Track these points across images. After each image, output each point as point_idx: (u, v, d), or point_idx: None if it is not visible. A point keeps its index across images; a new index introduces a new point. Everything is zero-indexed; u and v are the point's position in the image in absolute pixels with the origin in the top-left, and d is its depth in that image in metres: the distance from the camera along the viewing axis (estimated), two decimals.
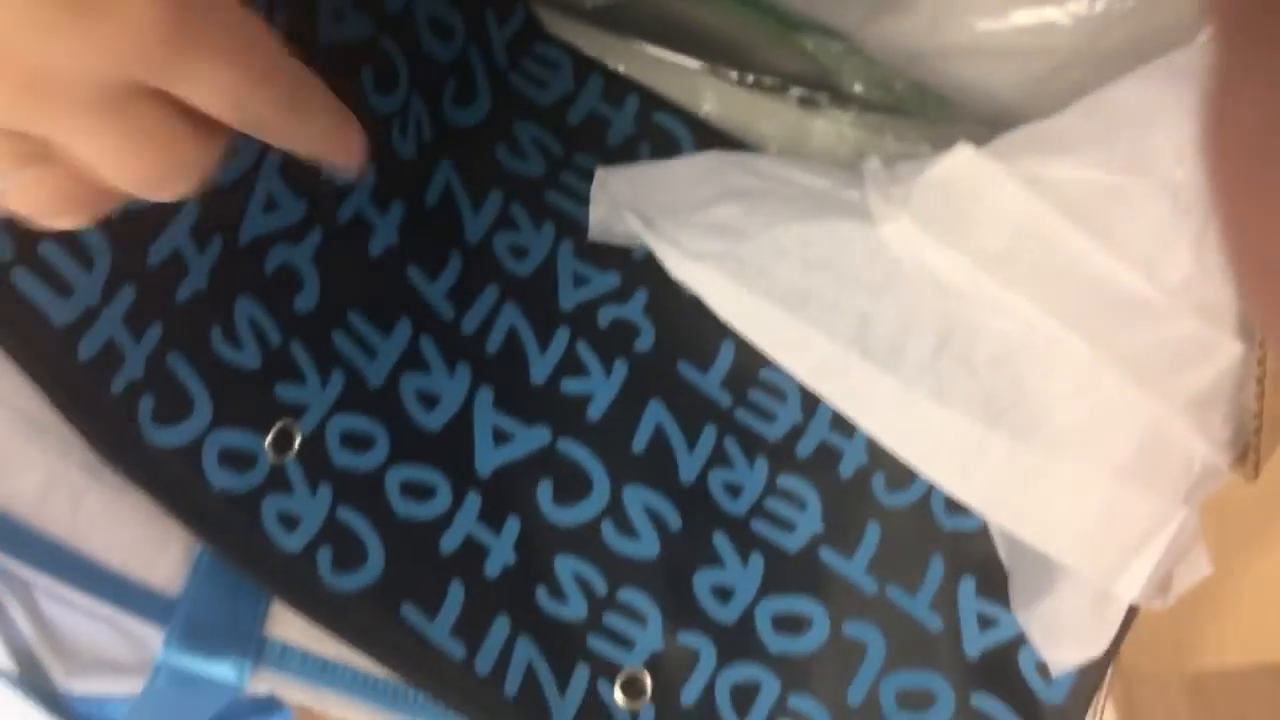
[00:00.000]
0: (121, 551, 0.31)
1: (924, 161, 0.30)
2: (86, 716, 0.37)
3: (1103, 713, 0.37)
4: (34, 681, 0.38)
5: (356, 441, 0.35)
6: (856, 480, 0.39)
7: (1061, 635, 0.36)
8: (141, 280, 0.31)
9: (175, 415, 0.31)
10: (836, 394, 0.30)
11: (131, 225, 0.29)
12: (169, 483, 0.31)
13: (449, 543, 0.35)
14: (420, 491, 0.35)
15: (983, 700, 0.37)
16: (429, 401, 0.36)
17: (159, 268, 0.31)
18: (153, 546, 0.32)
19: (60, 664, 0.38)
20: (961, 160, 0.29)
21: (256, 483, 0.32)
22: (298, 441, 0.33)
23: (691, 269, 0.31)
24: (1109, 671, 0.38)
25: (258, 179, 0.34)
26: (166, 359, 0.31)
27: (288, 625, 0.34)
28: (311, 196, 0.35)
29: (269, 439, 0.33)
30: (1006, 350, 0.28)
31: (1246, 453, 0.29)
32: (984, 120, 0.36)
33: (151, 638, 0.32)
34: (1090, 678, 0.38)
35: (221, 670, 0.32)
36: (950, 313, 0.28)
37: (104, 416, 0.30)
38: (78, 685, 0.37)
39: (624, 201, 0.34)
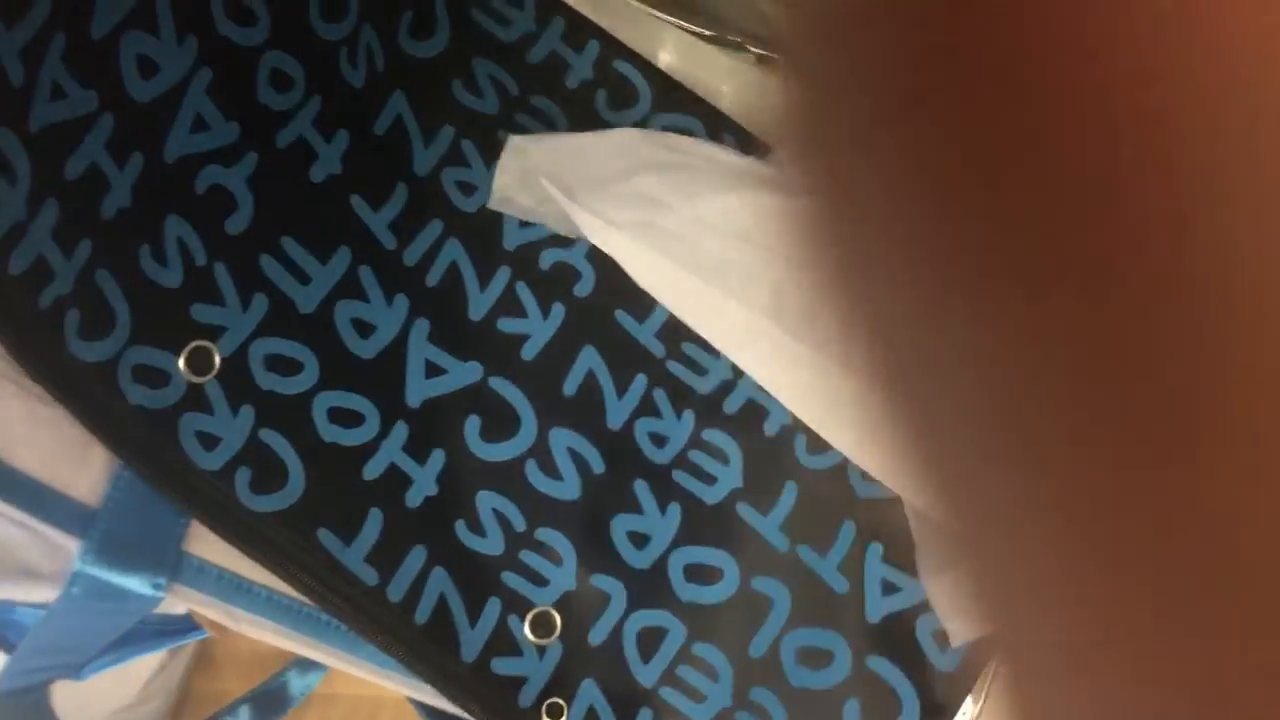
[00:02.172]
0: (42, 460, 0.32)
1: None
2: None
3: (990, 685, 0.38)
4: None
5: (283, 365, 0.35)
6: (780, 440, 0.40)
7: (961, 606, 0.38)
8: (63, 195, 0.31)
9: (98, 331, 0.31)
10: (749, 360, 0.30)
11: (47, 138, 0.29)
12: (88, 398, 0.31)
13: (372, 470, 0.36)
14: (348, 418, 0.36)
15: (878, 663, 0.38)
16: (364, 329, 0.37)
17: (78, 182, 0.31)
18: (74, 458, 0.32)
19: None
20: None
21: (173, 400, 0.33)
22: (218, 362, 0.34)
23: (611, 237, 0.32)
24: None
25: (184, 99, 0.33)
26: (95, 276, 0.31)
27: (206, 543, 0.35)
28: (245, 120, 0.35)
29: (182, 358, 0.33)
30: None
31: None
32: None
33: (69, 547, 0.33)
34: (984, 649, 0.39)
35: (137, 584, 0.33)
36: None
37: (29, 330, 0.31)
38: None
39: (541, 170, 0.34)
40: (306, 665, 0.53)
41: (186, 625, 0.42)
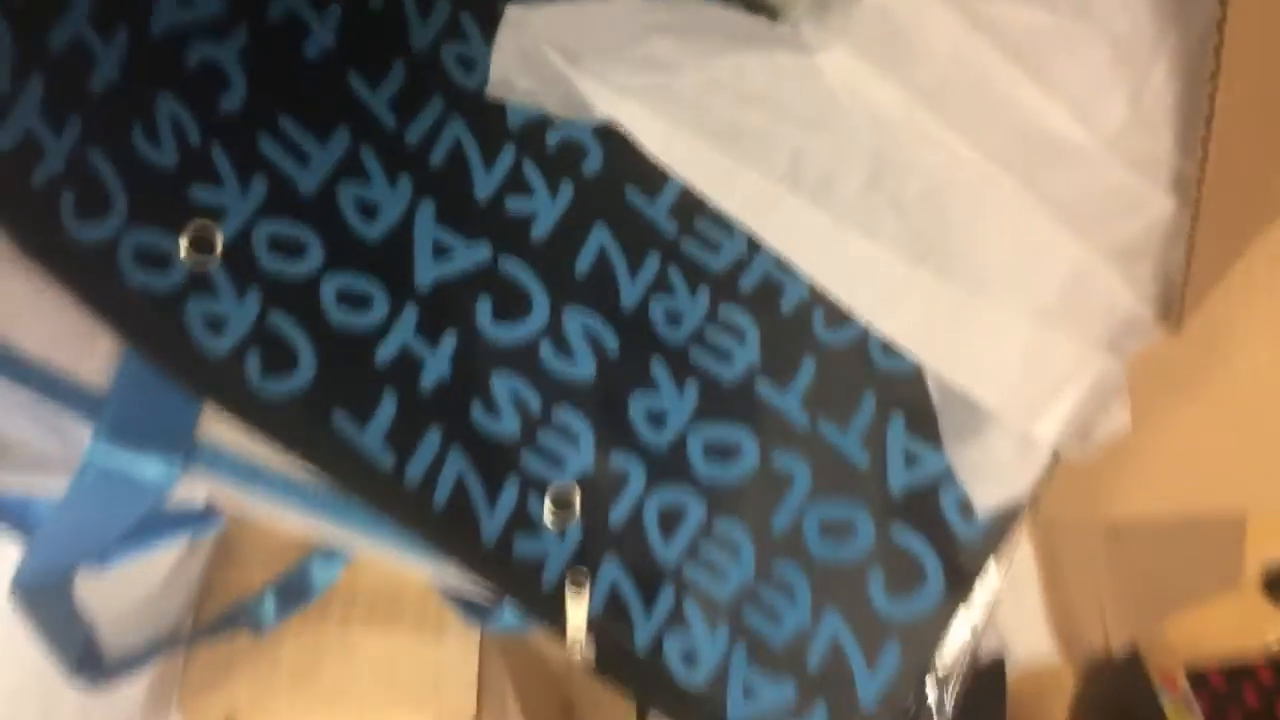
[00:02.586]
0: (46, 343, 0.31)
1: None
2: (10, 513, 0.37)
3: (1014, 555, 0.38)
4: None
5: (287, 247, 0.34)
6: (796, 315, 0.39)
7: (987, 475, 0.37)
8: (48, 68, 0.30)
9: (95, 212, 0.31)
10: (766, 228, 0.29)
11: (27, 9, 0.28)
12: (89, 280, 0.31)
13: (384, 353, 0.35)
14: (356, 301, 0.35)
15: (902, 534, 0.38)
16: (368, 211, 0.36)
17: (63, 56, 0.30)
18: (79, 340, 0.32)
19: None
20: None
21: (177, 284, 0.32)
22: (220, 245, 0.33)
23: (620, 104, 0.30)
24: (1024, 513, 0.39)
25: None
26: (88, 154, 0.31)
27: (220, 428, 0.34)
28: None
29: (184, 240, 0.32)
30: (935, 187, 0.27)
31: (1171, 307, 0.29)
32: None
33: (81, 436, 0.33)
34: (1008, 517, 0.39)
35: (150, 468, 0.33)
36: (882, 148, 0.28)
37: (25, 210, 0.30)
38: (9, 481, 0.38)
39: (543, 38, 0.33)
40: (329, 553, 0.53)
41: (206, 514, 0.42)
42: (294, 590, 0.53)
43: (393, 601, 0.57)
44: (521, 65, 0.34)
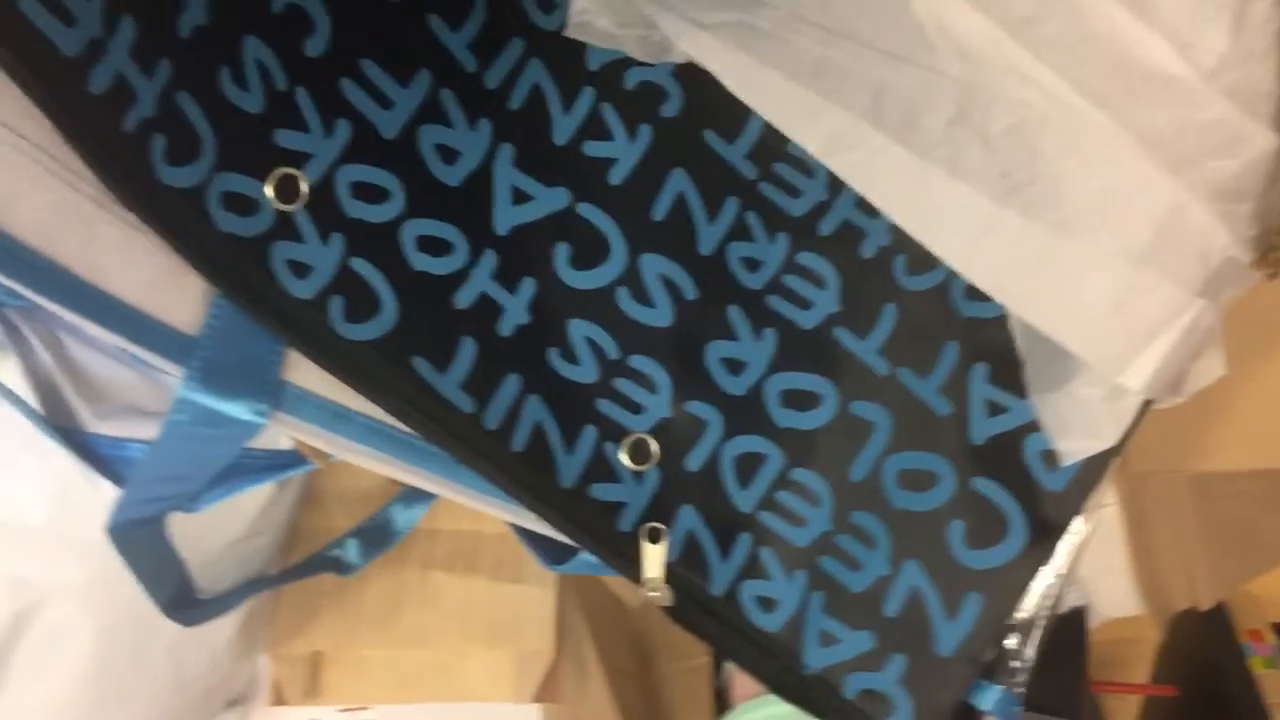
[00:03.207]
0: (138, 288, 0.32)
1: None
2: (108, 457, 0.38)
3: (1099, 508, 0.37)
4: (60, 422, 0.39)
5: (369, 193, 0.34)
6: (877, 261, 0.39)
7: (1074, 424, 0.36)
8: (139, 11, 0.30)
9: (184, 156, 0.31)
10: (848, 166, 0.29)
11: None
12: (180, 225, 0.31)
13: (463, 299, 0.35)
14: (436, 246, 0.35)
15: (983, 484, 0.38)
16: (448, 155, 0.36)
17: None
18: (171, 286, 0.33)
19: (88, 407, 0.40)
20: None
21: (263, 228, 0.33)
22: (305, 189, 0.33)
23: (700, 40, 0.30)
24: (1112, 464, 0.38)
25: None
26: (177, 98, 0.31)
27: (305, 371, 0.35)
28: None
29: (270, 185, 0.33)
30: (1025, 121, 0.27)
31: (1269, 252, 0.28)
32: None
33: (173, 382, 0.33)
34: (1095, 469, 0.38)
35: (239, 410, 0.33)
36: (970, 81, 0.27)
37: (117, 153, 0.30)
38: (105, 428, 0.39)
39: None
40: (410, 499, 0.54)
41: (292, 459, 0.43)
42: (376, 535, 0.54)
43: (472, 545, 0.58)
44: (600, 4, 0.34)
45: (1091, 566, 0.51)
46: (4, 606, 0.44)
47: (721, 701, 0.59)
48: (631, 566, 0.36)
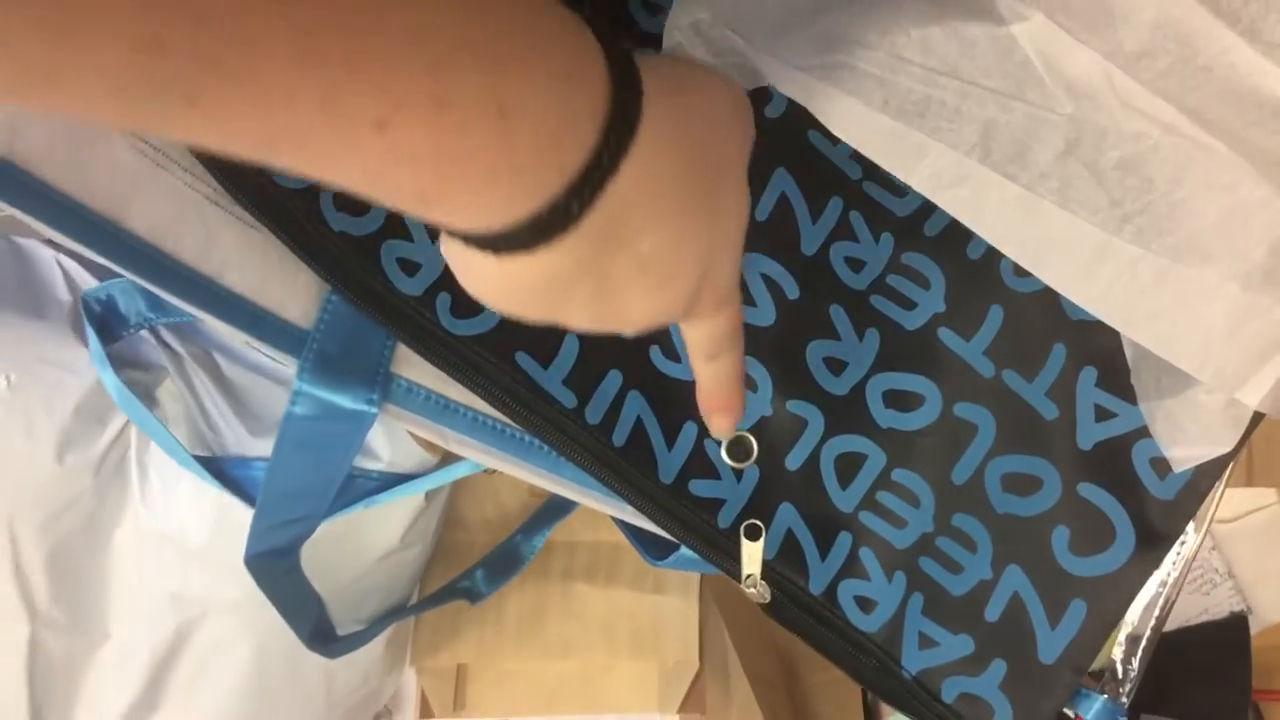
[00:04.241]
0: (254, 283, 0.33)
1: None
2: (238, 478, 0.40)
3: (1213, 516, 0.36)
4: (209, 443, 0.41)
5: None
6: (984, 262, 0.38)
7: (1187, 431, 0.35)
8: None
9: None
10: (955, 201, 0.28)
11: None
12: (294, 224, 0.33)
13: None
14: None
15: (1090, 490, 0.37)
16: None
17: None
18: (283, 282, 0.34)
19: (242, 424, 0.41)
20: None
21: (374, 227, 0.34)
22: None
23: (799, 80, 0.30)
24: (1228, 472, 0.37)
25: None
26: None
27: (412, 366, 0.36)
28: None
29: None
30: (1138, 153, 0.26)
31: None
32: None
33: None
34: (1208, 476, 0.37)
35: (351, 401, 0.35)
36: (1080, 116, 0.26)
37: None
38: (259, 446, 0.41)
39: (720, 18, 0.32)
40: (530, 529, 0.55)
41: (403, 479, 0.44)
42: (503, 563, 0.55)
43: (611, 555, 0.58)
44: (693, 38, 0.34)
45: (1254, 569, 0.50)
46: (168, 622, 0.46)
47: (870, 714, 0.59)
48: (730, 563, 0.37)
